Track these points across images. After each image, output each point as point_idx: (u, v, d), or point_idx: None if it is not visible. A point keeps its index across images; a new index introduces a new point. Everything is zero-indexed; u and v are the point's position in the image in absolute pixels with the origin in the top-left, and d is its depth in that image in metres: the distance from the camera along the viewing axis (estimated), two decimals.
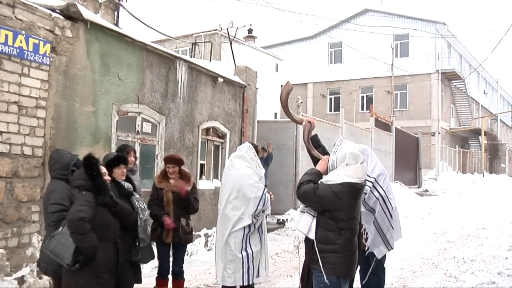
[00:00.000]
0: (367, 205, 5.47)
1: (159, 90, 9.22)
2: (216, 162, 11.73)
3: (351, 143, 4.44)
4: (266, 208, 5.38)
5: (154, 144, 9.25)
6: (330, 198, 4.11)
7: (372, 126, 21.91)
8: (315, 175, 4.35)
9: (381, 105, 33.54)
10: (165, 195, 6.22)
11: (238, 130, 12.41)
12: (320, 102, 36.84)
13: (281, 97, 5.01)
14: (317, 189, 4.16)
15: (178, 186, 6.20)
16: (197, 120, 10.57)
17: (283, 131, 14.72)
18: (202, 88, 10.73)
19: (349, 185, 4.14)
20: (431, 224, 13.72)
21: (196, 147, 10.53)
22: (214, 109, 11.22)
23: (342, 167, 4.23)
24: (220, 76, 11.29)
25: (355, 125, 21.42)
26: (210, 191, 11.14)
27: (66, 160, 4.80)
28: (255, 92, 13.31)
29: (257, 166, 5.59)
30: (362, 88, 35.49)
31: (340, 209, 4.12)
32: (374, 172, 5.58)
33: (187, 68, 10.07)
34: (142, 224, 4.98)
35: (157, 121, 9.25)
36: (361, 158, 4.30)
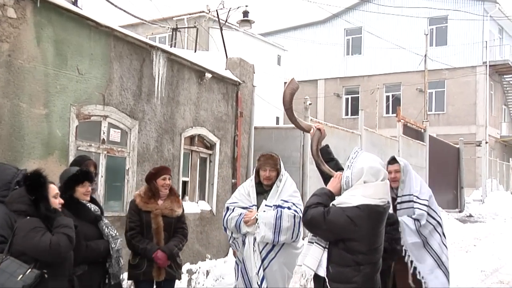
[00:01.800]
0: (421, 236, 5.53)
1: (130, 88, 9.25)
2: (202, 179, 11.73)
3: (370, 155, 4.45)
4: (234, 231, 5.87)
5: (124, 156, 9.26)
6: (344, 225, 4.12)
7: (400, 134, 21.97)
8: (325, 196, 4.36)
9: (411, 107, 33.62)
10: (153, 220, 6.17)
11: (231, 138, 12.44)
12: (334, 104, 36.94)
13: (284, 97, 5.03)
14: (328, 213, 4.17)
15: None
16: (179, 126, 10.58)
17: (286, 140, 14.73)
18: (185, 85, 10.76)
19: (368, 208, 4.14)
20: (477, 259, 13.68)
21: (177, 160, 10.54)
22: (200, 113, 11.24)
23: (359, 185, 4.25)
24: (208, 70, 11.30)
25: (378, 133, 21.45)
26: (195, 216, 11.13)
27: (7, 177, 4.75)
28: (252, 91, 13.33)
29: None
30: (387, 86, 35.60)
31: (357, 239, 4.13)
32: (423, 194, 5.66)
33: (166, 61, 10.09)
34: (114, 255, 4.99)
35: (128, 127, 9.27)
36: (382, 174, 4.31)
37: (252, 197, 5.95)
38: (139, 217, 6.20)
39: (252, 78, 13.31)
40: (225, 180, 12.23)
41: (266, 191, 5.99)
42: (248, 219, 5.80)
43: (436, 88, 34.14)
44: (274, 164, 5.97)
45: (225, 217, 5.98)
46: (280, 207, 5.83)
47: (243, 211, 5.88)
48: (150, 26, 24.08)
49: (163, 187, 6.30)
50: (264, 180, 5.95)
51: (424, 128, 24.94)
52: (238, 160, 12.61)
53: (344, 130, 17.55)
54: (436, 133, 29.87)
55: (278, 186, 5.94)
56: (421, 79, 32.36)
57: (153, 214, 6.16)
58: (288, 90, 5.00)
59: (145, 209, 6.20)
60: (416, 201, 5.76)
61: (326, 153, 5.09)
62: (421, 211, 5.70)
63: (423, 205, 5.59)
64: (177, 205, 6.34)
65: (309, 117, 14.56)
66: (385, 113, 35.28)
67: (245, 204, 5.95)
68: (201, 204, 11.53)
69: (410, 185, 5.83)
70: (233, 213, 5.92)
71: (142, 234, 6.16)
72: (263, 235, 5.70)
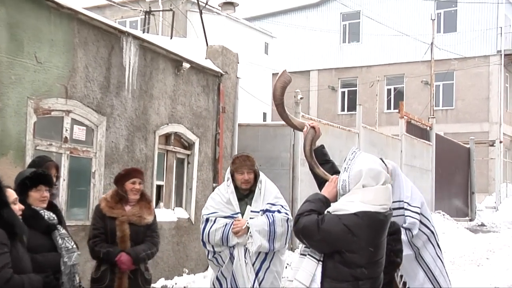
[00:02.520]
0: (414, 247, 5.57)
1: (97, 79, 9.23)
2: (179, 182, 11.74)
3: (370, 156, 4.44)
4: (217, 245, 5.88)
5: (90, 156, 9.25)
6: (341, 235, 4.11)
7: (403, 132, 22.05)
8: (319, 202, 4.35)
9: (415, 102, 33.74)
10: (119, 228, 6.17)
11: (212, 137, 12.46)
12: (329, 98, 37.02)
13: (274, 92, 5.01)
14: (323, 222, 4.15)
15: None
16: (153, 123, 10.58)
17: (275, 139, 14.74)
18: (159, 77, 10.76)
19: (367, 216, 4.13)
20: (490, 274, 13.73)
21: (150, 162, 10.53)
22: (177, 107, 11.25)
23: (357, 190, 4.23)
24: (186, 60, 11.32)
25: (378, 131, 21.54)
26: (171, 225, 11.13)
27: None
28: (236, 84, 13.36)
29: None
30: (388, 78, 35.72)
31: (355, 250, 4.12)
32: (415, 200, 5.65)
33: (138, 48, 10.08)
34: (66, 271, 4.95)
35: (95, 123, 9.25)
36: (384, 177, 4.31)
37: (234, 204, 5.94)
38: (103, 224, 6.19)
39: (236, 68, 13.32)
40: (205, 184, 12.23)
41: (245, 196, 6.01)
42: (239, 228, 5.79)
43: (444, 80, 34.28)
44: (251, 166, 6.01)
45: (205, 230, 5.94)
46: (268, 212, 5.87)
47: (228, 220, 5.87)
48: (119, 8, 24.02)
49: (132, 192, 6.30)
50: (242, 184, 5.97)
51: (430, 125, 25.05)
52: (220, 161, 12.61)
53: (340, 128, 17.60)
54: (443, 131, 29.99)
55: (260, 189, 5.98)
56: (427, 70, 32.49)
57: (118, 221, 6.16)
58: (279, 83, 4.98)
59: (110, 215, 6.19)
60: (407, 208, 5.74)
61: (321, 154, 5.06)
62: (413, 220, 5.68)
63: (415, 212, 5.56)
64: (147, 212, 6.34)
65: (300, 113, 14.60)
66: (386, 109, 35.39)
67: (226, 212, 5.94)
68: (178, 211, 11.53)
69: (399, 190, 5.81)
70: (215, 225, 5.89)
71: (106, 243, 6.14)
72: (259, 245, 5.73)
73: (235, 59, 13.25)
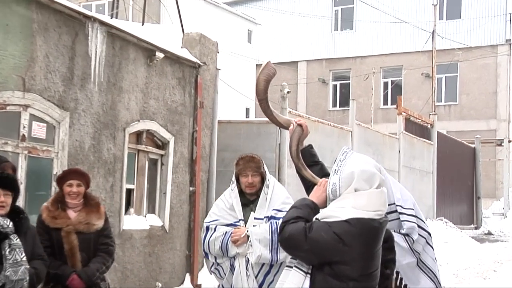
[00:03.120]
0: (415, 254, 5.64)
1: (59, 70, 9.19)
2: (152, 186, 11.72)
3: (363, 157, 4.45)
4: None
5: (51, 157, 9.21)
6: (331, 244, 4.11)
7: (401, 130, 22.10)
8: (307, 208, 4.35)
9: (415, 96, 33.87)
10: (65, 239, 6.17)
11: (188, 135, 12.47)
12: (319, 92, 37.07)
13: (258, 85, 5.00)
14: (311, 230, 4.16)
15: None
16: (122, 119, 10.55)
17: (259, 137, 14.71)
18: (130, 68, 10.72)
19: (360, 223, 4.14)
20: None
21: (119, 163, 10.51)
22: (149, 102, 11.24)
23: (349, 194, 4.24)
24: (160, 49, 11.30)
25: (374, 129, 21.57)
26: (142, 234, 11.12)
27: None
28: (215, 76, 13.35)
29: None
30: (385, 70, 35.83)
31: (347, 262, 4.13)
32: (407, 202, 5.70)
33: (106, 36, 10.04)
34: (8, 286, 4.95)
35: (56, 120, 9.21)
36: (378, 179, 4.32)
37: (237, 210, 5.98)
38: (48, 236, 6.17)
39: (216, 59, 13.31)
40: (180, 188, 12.22)
41: (251, 202, 6.04)
42: (238, 237, 5.83)
43: (447, 72, 34.42)
44: (257, 168, 6.03)
45: (205, 239, 6.00)
46: (273, 219, 5.89)
47: (228, 228, 5.92)
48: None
49: (70, 196, 6.32)
50: (246, 188, 6.00)
51: (431, 123, 25.13)
52: (198, 162, 12.60)
53: (331, 125, 17.61)
54: (446, 129, 30.10)
55: (266, 194, 6.01)
56: (427, 61, 32.61)
57: (64, 232, 6.17)
58: (263, 76, 4.98)
59: (54, 226, 6.20)
60: (402, 212, 5.80)
61: (309, 154, 5.08)
62: (411, 224, 5.73)
63: (411, 215, 5.62)
64: (96, 216, 6.35)
65: (287, 109, 14.57)
66: (383, 104, 35.51)
67: (229, 220, 5.99)
68: (150, 218, 11.52)
69: (390, 193, 5.87)
70: (215, 233, 5.94)
71: (54, 256, 6.12)
72: (259, 255, 5.75)
73: (215, 48, 13.23)
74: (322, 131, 16.14)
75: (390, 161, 20.39)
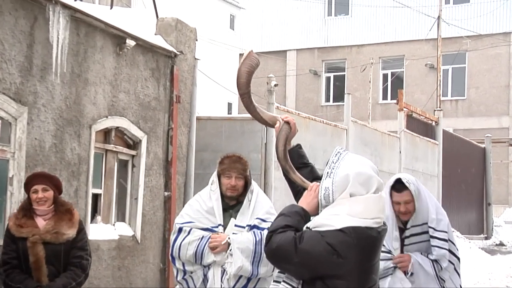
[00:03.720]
0: (441, 281, 5.77)
1: (15, 59, 9.15)
2: (122, 191, 11.72)
3: (358, 158, 4.46)
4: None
5: (6, 157, 9.17)
6: (324, 257, 4.11)
7: (402, 128, 22.15)
8: (296, 216, 4.35)
9: (418, 90, 33.98)
10: (31, 250, 6.19)
11: (163, 133, 12.45)
12: (310, 85, 37.12)
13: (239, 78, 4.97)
14: (301, 240, 4.16)
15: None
16: (88, 115, 10.52)
17: (242, 136, 14.70)
18: (97, 57, 10.69)
19: (356, 233, 4.14)
20: None
21: (85, 164, 10.48)
22: (119, 96, 11.21)
23: (344, 200, 4.24)
24: (131, 36, 11.28)
25: (372, 126, 21.61)
26: (111, 244, 11.09)
27: None
28: (194, 67, 13.35)
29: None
30: (384, 61, 35.93)
31: (342, 276, 4.13)
32: (441, 223, 5.85)
33: (69, 20, 9.99)
34: None
35: (13, 116, 9.17)
36: (375, 183, 4.32)
37: (217, 214, 6.00)
38: (15, 246, 6.22)
39: (194, 47, 13.30)
40: (154, 193, 12.22)
41: (230, 207, 6.07)
42: (217, 244, 5.84)
43: (454, 63, 34.52)
44: (243, 170, 6.08)
45: (176, 242, 6.00)
46: (257, 228, 5.92)
47: (205, 233, 5.92)
48: None
49: (36, 203, 6.33)
50: (227, 190, 6.03)
51: (436, 120, 25.21)
52: (174, 164, 12.60)
53: (324, 122, 17.62)
54: (453, 127, 30.24)
55: (250, 200, 6.06)
56: (432, 50, 32.73)
57: (29, 242, 6.19)
58: (245, 67, 4.95)
59: (20, 235, 6.23)
60: (434, 235, 5.87)
61: (298, 155, 5.08)
62: (443, 251, 5.85)
63: (443, 240, 5.71)
64: (67, 224, 6.37)
65: (274, 104, 14.56)
66: (382, 99, 35.64)
67: (205, 224, 5.99)
68: (120, 227, 11.49)
69: (423, 212, 5.94)
70: (190, 236, 5.95)
71: (20, 269, 6.17)
72: (240, 266, 5.77)
73: (193, 35, 13.22)
74: (313, 129, 16.15)
75: (390, 163, 20.44)
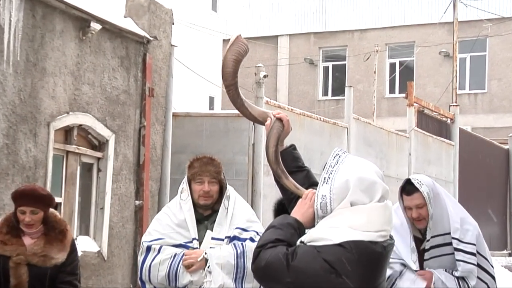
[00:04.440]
0: None
1: None
2: (86, 199, 11.78)
3: (360, 160, 4.46)
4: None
5: None
6: (320, 276, 4.10)
7: (413, 127, 22.24)
8: (289, 228, 4.33)
9: (431, 82, 34.18)
10: (13, 270, 6.27)
11: (134, 132, 12.51)
12: (305, 77, 37.29)
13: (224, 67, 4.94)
14: (294, 257, 4.14)
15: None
16: (46, 111, 10.55)
17: (226, 136, 14.75)
18: (56, 43, 10.73)
19: (358, 248, 4.13)
20: None
21: (42, 168, 10.51)
22: (82, 89, 11.25)
23: (343, 210, 4.22)
24: (96, 18, 11.32)
25: (376, 124, 21.71)
26: None
27: None
28: (170, 54, 13.46)
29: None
30: (391, 48, 36.09)
31: None
32: (468, 232, 5.84)
33: (23, 0, 10.03)
34: None
35: None
36: (380, 190, 4.31)
37: (190, 227, 6.02)
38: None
39: (170, 32, 13.40)
40: (123, 202, 12.27)
41: (205, 217, 6.10)
42: (193, 261, 5.86)
43: (472, 51, 34.62)
44: (216, 173, 6.08)
45: (144, 263, 6.03)
46: (237, 240, 5.97)
47: (178, 250, 5.95)
48: None
49: (24, 225, 6.35)
50: (200, 198, 6.05)
51: (451, 117, 25.31)
52: (146, 168, 12.66)
53: (322, 119, 17.68)
54: (471, 125, 30.39)
55: (227, 208, 6.09)
56: (447, 36, 32.90)
57: (12, 262, 6.25)
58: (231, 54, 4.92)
59: (2, 253, 6.29)
60: (458, 247, 5.83)
61: (291, 158, 5.06)
62: (469, 266, 5.80)
63: (470, 253, 5.65)
64: (57, 248, 6.40)
65: (264, 98, 14.60)
66: (388, 93, 35.81)
67: (177, 240, 6.03)
68: (83, 241, 11.51)
69: (443, 218, 5.90)
70: (160, 255, 5.98)
71: None
72: (221, 284, 5.82)
73: (169, 18, 13.29)
74: (309, 128, 16.21)
75: (398, 167, 20.51)
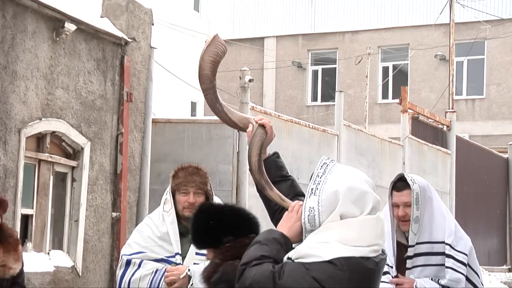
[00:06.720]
0: None
1: None
2: (59, 211, 11.75)
3: (349, 169, 4.47)
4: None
5: None
6: None
7: (407, 134, 22.24)
8: (275, 244, 4.33)
9: (426, 87, 34.22)
10: None
11: (111, 139, 12.51)
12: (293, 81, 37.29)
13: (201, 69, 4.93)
14: (281, 275, 4.14)
15: None
16: (17, 116, 10.57)
17: (209, 143, 14.73)
18: (27, 44, 10.74)
19: (349, 265, 4.13)
20: None
21: (12, 178, 10.52)
22: (55, 93, 11.25)
23: (333, 223, 4.23)
24: (71, 18, 11.31)
25: (368, 131, 21.71)
26: (45, 278, 11.10)
27: None
28: (149, 57, 13.45)
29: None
30: (384, 51, 36.14)
31: None
32: (461, 241, 5.92)
33: None
34: None
35: None
36: (371, 200, 4.31)
37: (173, 241, 6.04)
38: None
39: (150, 33, 13.40)
40: (99, 214, 12.24)
41: (189, 230, 6.03)
42: (175, 278, 5.88)
43: (470, 54, 34.68)
44: (202, 184, 6.10)
45: (123, 278, 6.06)
46: None
47: (159, 265, 5.97)
48: None
49: None
50: (185, 210, 6.06)
51: (448, 124, 25.32)
52: (124, 178, 12.64)
53: (311, 126, 17.67)
54: (468, 133, 30.40)
55: None
56: (443, 39, 32.94)
57: None
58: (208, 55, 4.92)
59: None
60: (450, 253, 5.83)
61: (275, 167, 5.06)
62: (458, 275, 5.81)
63: (461, 262, 5.66)
64: (13, 257, 6.59)
65: (249, 104, 14.59)
66: (381, 98, 35.82)
67: (159, 254, 6.05)
68: (56, 256, 11.49)
69: (432, 225, 5.90)
70: (141, 270, 5.99)
71: None
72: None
73: (148, 18, 13.29)
74: (297, 135, 16.20)
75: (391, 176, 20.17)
